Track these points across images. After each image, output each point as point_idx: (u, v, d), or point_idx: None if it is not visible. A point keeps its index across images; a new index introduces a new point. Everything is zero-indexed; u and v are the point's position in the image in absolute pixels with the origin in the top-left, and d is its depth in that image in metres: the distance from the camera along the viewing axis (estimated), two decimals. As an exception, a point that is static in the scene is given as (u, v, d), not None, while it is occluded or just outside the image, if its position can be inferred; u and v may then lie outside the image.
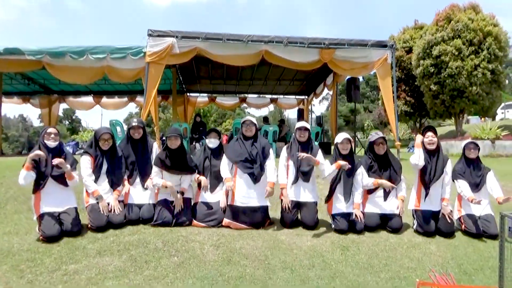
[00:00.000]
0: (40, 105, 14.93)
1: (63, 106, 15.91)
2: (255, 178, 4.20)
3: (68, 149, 5.46)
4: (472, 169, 4.28)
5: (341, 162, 4.10)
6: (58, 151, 3.82)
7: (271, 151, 4.38)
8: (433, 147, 4.20)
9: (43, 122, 16.30)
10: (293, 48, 8.71)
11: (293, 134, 4.50)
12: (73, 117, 58.57)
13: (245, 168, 4.23)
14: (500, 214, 2.16)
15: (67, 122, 57.99)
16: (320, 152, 4.37)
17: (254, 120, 4.41)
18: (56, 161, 3.65)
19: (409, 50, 19.19)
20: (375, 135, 4.39)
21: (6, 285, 2.75)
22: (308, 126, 4.37)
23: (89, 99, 15.45)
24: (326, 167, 4.17)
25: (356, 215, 4.15)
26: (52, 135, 3.80)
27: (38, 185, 3.71)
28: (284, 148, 4.47)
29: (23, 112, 69.56)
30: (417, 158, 4.12)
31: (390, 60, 8.92)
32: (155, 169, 4.27)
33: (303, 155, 4.01)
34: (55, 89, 14.49)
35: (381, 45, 8.95)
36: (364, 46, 8.87)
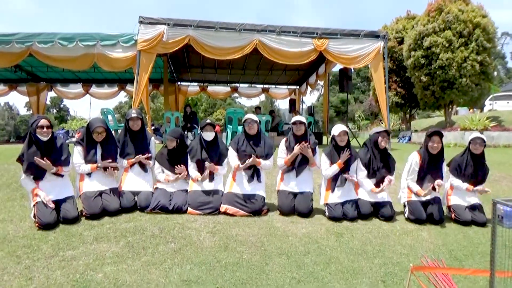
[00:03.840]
0: (28, 93, 14.67)
1: (50, 94, 15.69)
2: (253, 177, 4.37)
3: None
4: (475, 166, 4.28)
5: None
6: (51, 145, 3.74)
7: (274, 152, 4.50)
8: (435, 152, 4.23)
9: (31, 110, 16.04)
10: (287, 39, 8.69)
11: (290, 128, 4.58)
12: (61, 105, 57.55)
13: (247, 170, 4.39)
14: (492, 201, 2.22)
15: (54, 111, 56.98)
16: (317, 148, 4.47)
17: (255, 118, 4.47)
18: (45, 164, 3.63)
19: (401, 41, 19.23)
20: (380, 128, 4.44)
21: (3, 271, 2.75)
22: (304, 119, 4.43)
23: (78, 88, 15.23)
24: (327, 171, 4.32)
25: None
26: (45, 129, 3.66)
27: (36, 178, 3.71)
28: (283, 142, 4.53)
29: (8, 100, 68.29)
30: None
31: (382, 51, 8.98)
32: (158, 165, 4.46)
33: (304, 145, 4.18)
34: (43, 76, 14.24)
35: (374, 35, 9.00)
36: (356, 36, 8.90)
